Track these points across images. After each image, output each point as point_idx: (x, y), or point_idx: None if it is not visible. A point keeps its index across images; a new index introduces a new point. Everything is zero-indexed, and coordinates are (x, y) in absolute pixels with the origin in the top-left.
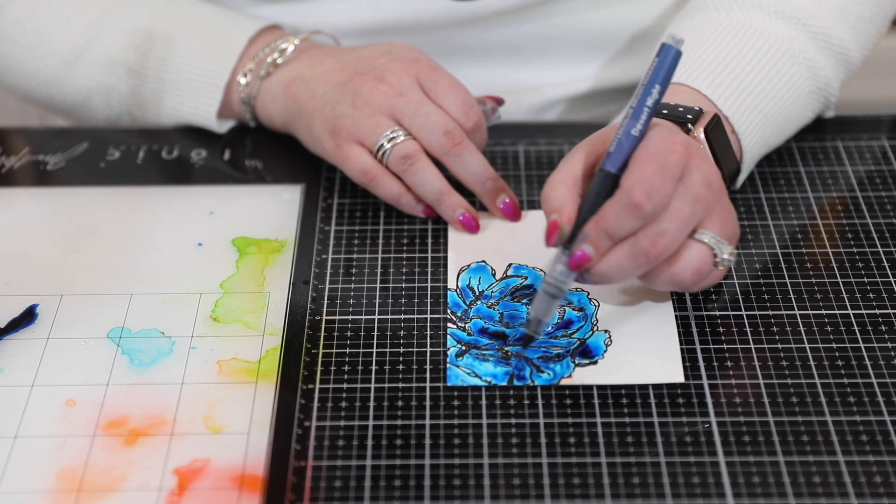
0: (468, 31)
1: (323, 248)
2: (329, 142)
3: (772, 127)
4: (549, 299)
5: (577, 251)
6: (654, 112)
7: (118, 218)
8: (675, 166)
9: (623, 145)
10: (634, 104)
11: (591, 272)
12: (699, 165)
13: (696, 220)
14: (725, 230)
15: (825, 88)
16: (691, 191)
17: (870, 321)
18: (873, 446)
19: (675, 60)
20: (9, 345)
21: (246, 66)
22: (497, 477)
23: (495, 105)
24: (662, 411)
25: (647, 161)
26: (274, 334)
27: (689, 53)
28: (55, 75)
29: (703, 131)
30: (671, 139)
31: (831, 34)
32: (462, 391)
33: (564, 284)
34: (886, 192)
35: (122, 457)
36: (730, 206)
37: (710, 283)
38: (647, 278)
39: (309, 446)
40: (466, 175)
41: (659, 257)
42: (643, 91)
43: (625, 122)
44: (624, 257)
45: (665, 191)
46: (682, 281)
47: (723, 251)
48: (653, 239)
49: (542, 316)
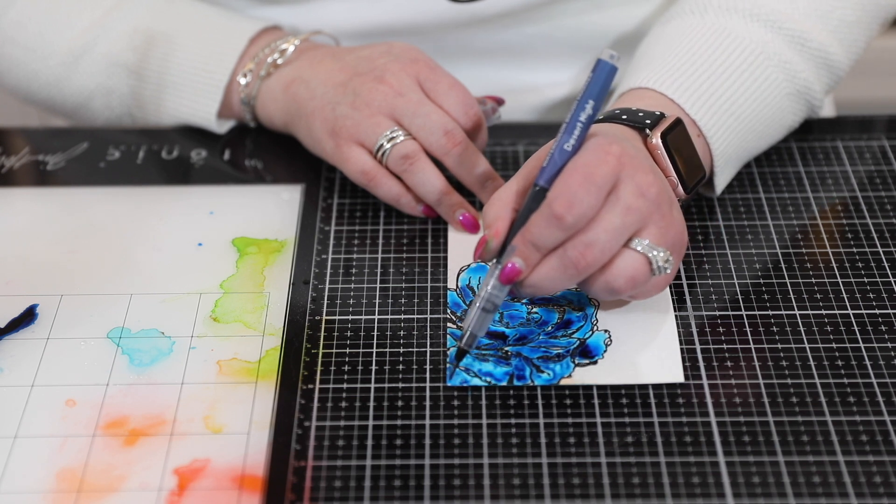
0: (467, 32)
1: (323, 248)
2: (329, 142)
3: (746, 130)
4: (483, 314)
5: (508, 264)
6: (588, 126)
7: (118, 218)
8: (604, 178)
9: (555, 159)
10: (568, 119)
11: (523, 284)
12: (632, 175)
13: (629, 230)
14: (665, 238)
15: (806, 91)
16: (622, 201)
17: (870, 321)
18: (873, 446)
19: (609, 75)
20: (9, 345)
21: (246, 66)
22: (497, 477)
23: (495, 105)
24: (662, 411)
25: (573, 173)
26: (274, 334)
27: (658, 58)
28: (56, 77)
29: (661, 136)
30: (603, 150)
31: (809, 37)
32: (462, 391)
33: (497, 299)
34: (886, 192)
35: (122, 457)
36: (671, 215)
37: (654, 291)
38: (583, 287)
39: (309, 446)
40: (466, 175)
41: (588, 268)
42: (576, 106)
43: (558, 137)
44: (553, 269)
45: (588, 201)
46: (617, 289)
47: (658, 259)
48: (581, 250)
49: (477, 331)
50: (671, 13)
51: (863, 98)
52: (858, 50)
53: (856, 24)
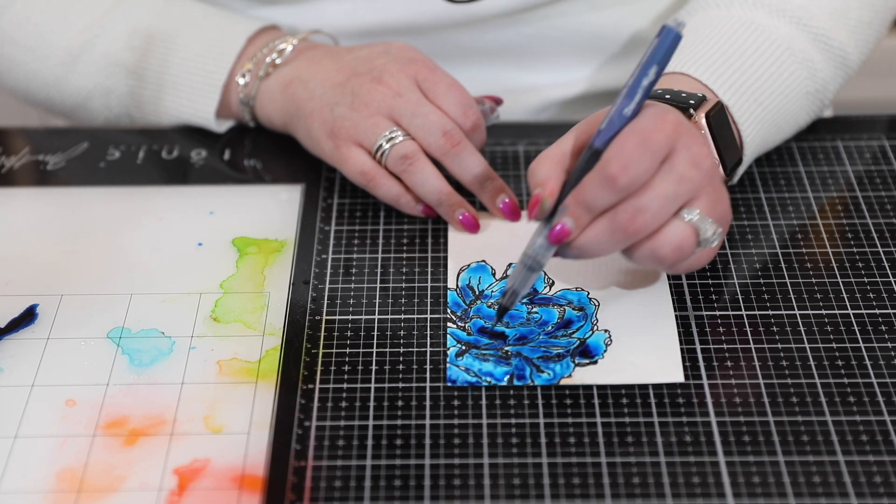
0: (466, 32)
1: (323, 248)
2: (328, 143)
3: (770, 122)
4: (527, 272)
5: (557, 224)
6: (648, 93)
7: (118, 218)
8: (659, 144)
9: (614, 123)
10: (629, 83)
11: (570, 246)
12: (688, 145)
13: (681, 199)
14: (714, 211)
15: (822, 91)
16: (677, 170)
17: (870, 321)
18: (873, 446)
19: (674, 42)
20: (9, 345)
21: (244, 66)
22: (497, 477)
23: (494, 105)
24: (662, 411)
25: (629, 136)
26: (274, 334)
27: (690, 46)
28: (54, 77)
29: (705, 116)
30: (661, 117)
31: (831, 36)
32: (462, 391)
33: (543, 258)
34: (886, 192)
35: (122, 457)
36: (722, 189)
37: (696, 265)
38: (628, 253)
39: (309, 446)
40: (466, 175)
41: (637, 233)
42: (639, 71)
43: (618, 101)
44: (602, 231)
45: (643, 166)
46: (662, 257)
47: (706, 230)
48: (632, 214)
49: (520, 288)
50: (694, 5)
51: (863, 98)
52: (868, 50)
53: (869, 26)
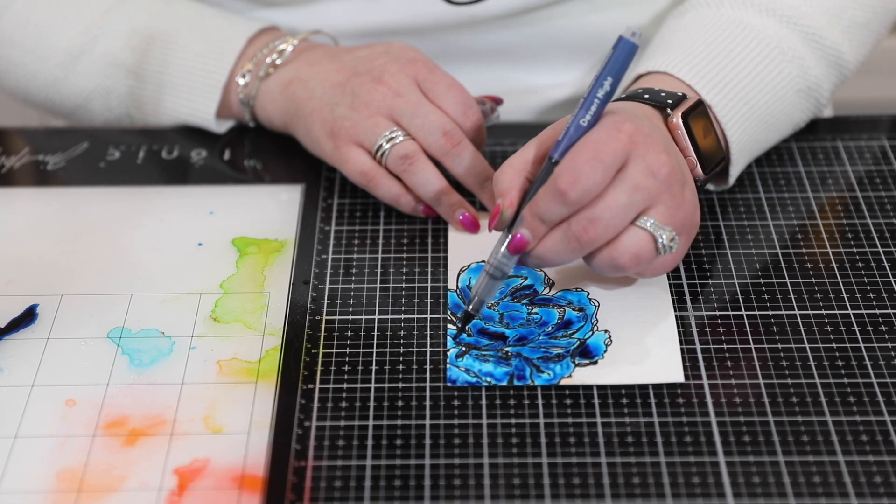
0: (466, 33)
1: (323, 248)
2: (328, 143)
3: (758, 120)
4: (491, 280)
5: (516, 235)
6: (605, 103)
7: (118, 218)
8: (612, 156)
9: (570, 134)
10: (586, 95)
11: (529, 255)
12: (644, 154)
13: (636, 208)
14: (673, 219)
15: (815, 89)
16: (631, 179)
17: (870, 321)
18: (873, 446)
19: (630, 53)
20: (9, 345)
21: (244, 66)
22: (497, 477)
23: (494, 105)
24: (662, 411)
25: (581, 149)
26: (274, 334)
27: (677, 46)
28: (54, 77)
29: (682, 116)
30: (615, 128)
31: (823, 35)
32: (462, 391)
33: (507, 266)
34: (886, 192)
35: (122, 457)
36: (681, 196)
37: (661, 270)
38: (589, 262)
39: (309, 446)
40: (465, 175)
41: (591, 243)
42: (595, 82)
43: (575, 111)
44: (558, 242)
45: (593, 178)
46: (621, 265)
47: (663, 237)
48: (584, 225)
49: (484, 296)
50: (687, 5)
51: (863, 98)
52: (866, 52)
53: (865, 26)
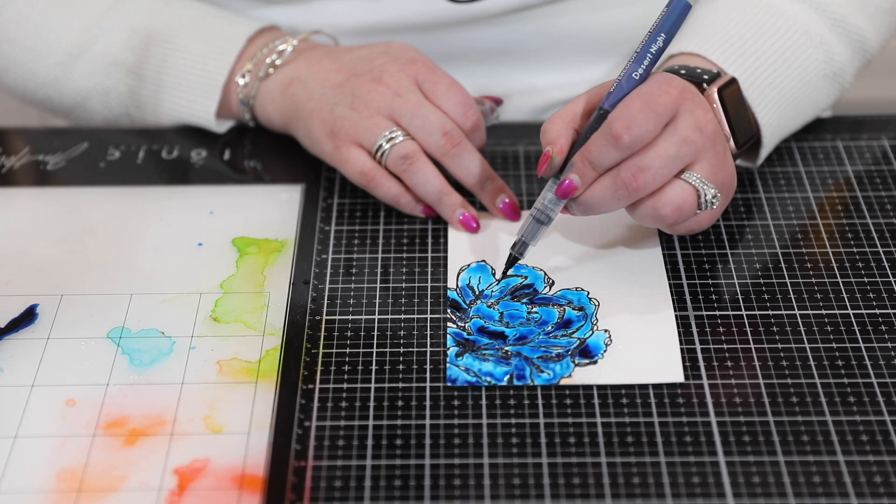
0: (467, 31)
1: (323, 248)
2: (328, 143)
3: (786, 104)
4: (537, 225)
5: (565, 180)
6: (657, 58)
7: (118, 218)
8: (664, 106)
9: (622, 86)
10: (639, 49)
11: (577, 201)
12: (692, 110)
13: (683, 161)
14: (716, 176)
15: (840, 74)
16: (680, 132)
17: (870, 321)
18: (873, 446)
19: (683, 12)
20: (9, 345)
21: (244, 66)
22: (497, 477)
23: (494, 105)
24: (662, 411)
25: (635, 98)
26: (274, 334)
27: (708, 28)
28: (53, 76)
29: (717, 91)
30: (667, 82)
31: (850, 21)
32: (462, 391)
33: (552, 212)
34: (886, 192)
35: (122, 457)
36: (724, 155)
37: (697, 227)
38: (630, 210)
39: (309, 446)
40: (465, 175)
41: (639, 191)
42: (648, 38)
43: (627, 65)
44: (606, 188)
45: (646, 126)
46: (663, 216)
47: (706, 193)
48: (634, 172)
49: (528, 239)
50: None
51: (863, 98)
52: (887, 38)
53: (889, 13)
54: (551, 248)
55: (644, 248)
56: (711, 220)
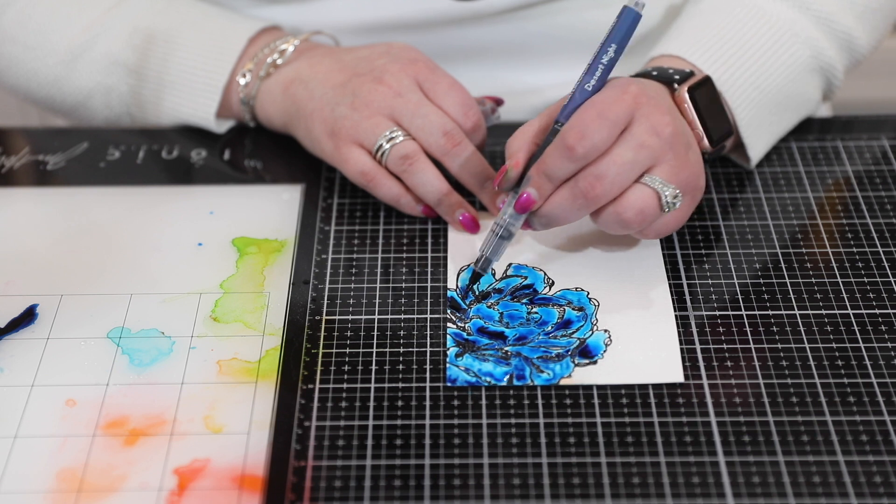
0: (469, 29)
1: (323, 248)
2: (328, 143)
3: (771, 102)
4: (499, 240)
5: (523, 194)
6: (610, 69)
7: (118, 218)
8: (617, 114)
9: (575, 98)
10: (591, 61)
11: (536, 214)
12: (648, 115)
13: (641, 166)
14: (677, 177)
15: (828, 69)
16: (636, 137)
17: (870, 321)
18: (873, 446)
19: (634, 22)
20: (9, 345)
21: (245, 66)
22: (497, 477)
23: (494, 105)
24: (662, 411)
25: (588, 108)
26: (274, 334)
27: (689, 30)
28: (55, 75)
29: (688, 90)
30: (621, 89)
31: (835, 19)
32: (462, 391)
33: (513, 227)
34: (886, 192)
35: (122, 457)
36: (685, 156)
37: (665, 230)
38: (595, 219)
39: (309, 446)
40: (466, 175)
41: (598, 199)
42: (599, 49)
43: (580, 78)
44: (565, 199)
45: (600, 135)
46: (626, 221)
47: (666, 194)
48: (591, 181)
49: (492, 255)
50: None
51: (863, 98)
52: (879, 36)
53: (878, 11)
54: (551, 249)
55: (644, 248)
56: (680, 222)
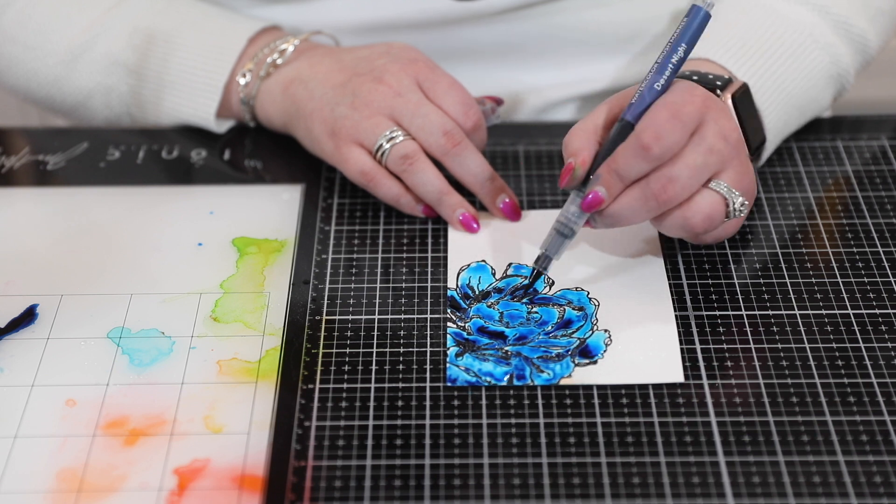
0: (469, 29)
1: (323, 248)
2: (328, 143)
3: (792, 106)
4: (560, 238)
5: (591, 192)
6: (678, 69)
7: (118, 218)
8: (690, 116)
9: (644, 97)
10: (660, 60)
11: (603, 214)
12: (717, 119)
13: (710, 170)
14: (741, 184)
15: (844, 75)
16: (706, 141)
17: (870, 321)
18: (873, 446)
19: (703, 21)
20: (9, 345)
21: (245, 66)
22: (497, 477)
23: (494, 105)
24: (662, 411)
25: (661, 109)
26: (274, 334)
27: (714, 33)
28: (55, 75)
29: (731, 97)
30: (691, 92)
31: (852, 23)
32: (462, 391)
33: (576, 225)
34: (886, 192)
35: (122, 457)
36: (747, 162)
37: (723, 235)
38: (658, 222)
39: (309, 446)
40: (466, 175)
41: (668, 202)
42: (670, 48)
43: (648, 76)
44: (635, 199)
45: (674, 136)
46: (692, 226)
47: (734, 201)
48: (663, 183)
49: (552, 253)
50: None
51: (863, 98)
52: (887, 38)
53: (888, 14)
54: None
55: (644, 248)
56: (737, 228)
